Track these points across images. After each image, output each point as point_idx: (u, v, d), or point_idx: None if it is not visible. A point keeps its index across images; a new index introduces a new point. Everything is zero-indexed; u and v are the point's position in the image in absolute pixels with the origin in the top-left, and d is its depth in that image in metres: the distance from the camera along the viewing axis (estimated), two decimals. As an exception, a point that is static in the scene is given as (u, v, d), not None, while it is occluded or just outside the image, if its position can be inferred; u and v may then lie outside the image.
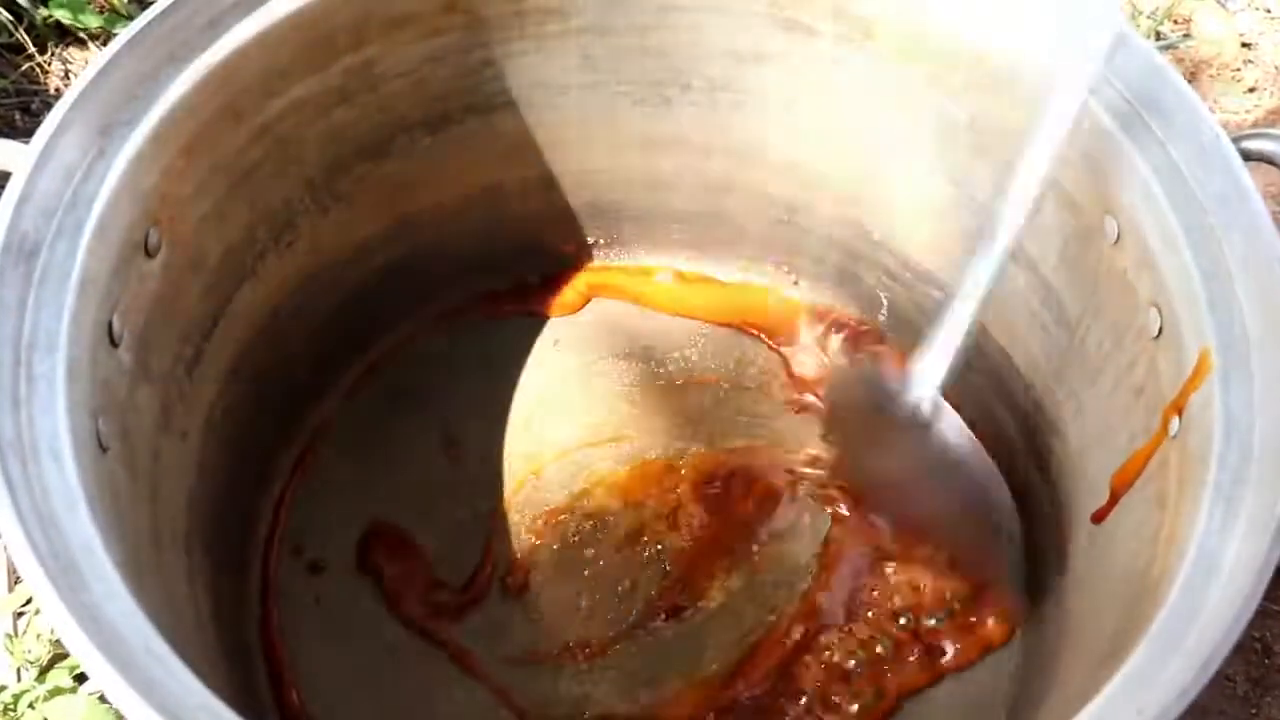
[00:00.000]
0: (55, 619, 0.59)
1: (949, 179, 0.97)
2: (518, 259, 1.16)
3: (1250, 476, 0.67)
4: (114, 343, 0.77)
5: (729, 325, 1.17)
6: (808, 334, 1.16)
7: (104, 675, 0.58)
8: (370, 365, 1.13)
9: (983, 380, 1.06)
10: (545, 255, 1.17)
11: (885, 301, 1.12)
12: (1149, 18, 1.49)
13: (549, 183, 1.11)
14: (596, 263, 1.19)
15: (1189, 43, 1.49)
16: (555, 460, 1.09)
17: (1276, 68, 1.47)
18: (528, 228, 1.14)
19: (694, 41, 1.00)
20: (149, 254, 0.82)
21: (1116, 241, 0.82)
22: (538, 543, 1.05)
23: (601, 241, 1.18)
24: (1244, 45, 1.50)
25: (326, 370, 1.10)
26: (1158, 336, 0.78)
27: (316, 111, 0.93)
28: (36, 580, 0.60)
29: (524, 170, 1.09)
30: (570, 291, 1.18)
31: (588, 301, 1.18)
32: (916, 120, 0.96)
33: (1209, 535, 0.66)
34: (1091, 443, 0.90)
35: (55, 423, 0.67)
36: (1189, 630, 0.62)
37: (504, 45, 0.99)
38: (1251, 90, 1.47)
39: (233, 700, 0.78)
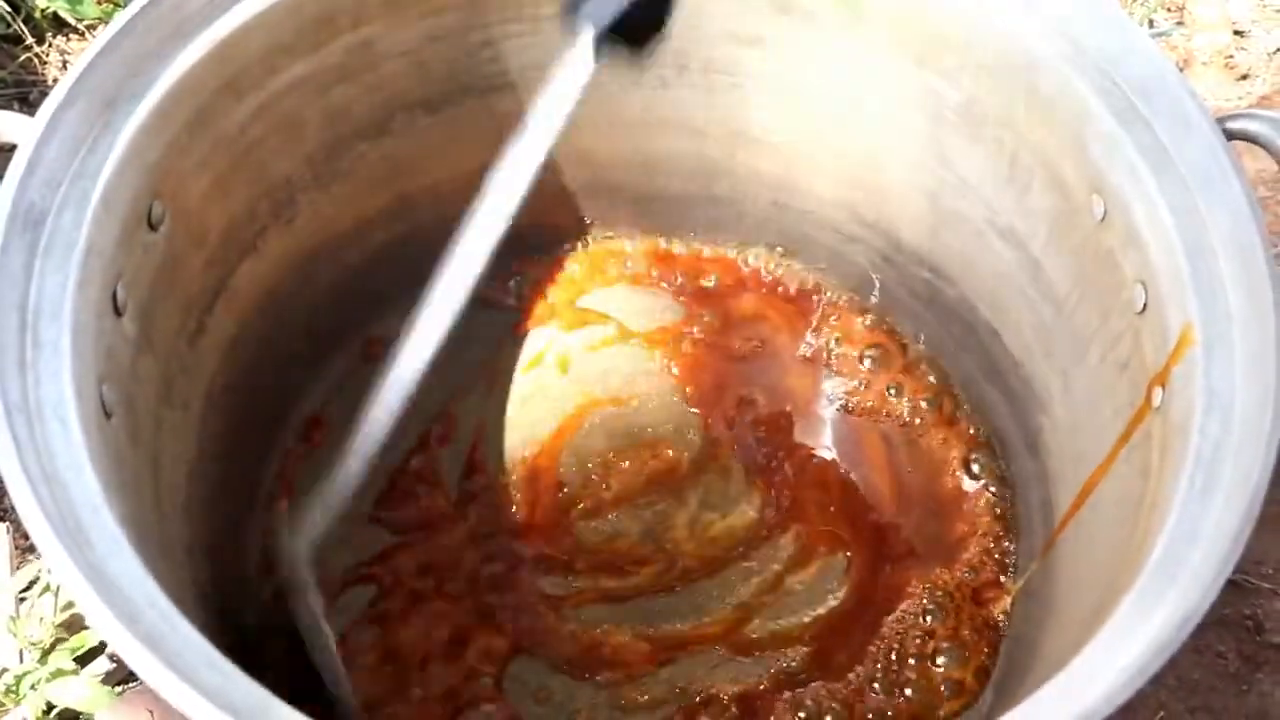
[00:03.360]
0: (63, 576, 0.61)
1: (940, 161, 0.99)
2: (516, 239, 1.17)
3: (1230, 446, 0.69)
4: (118, 312, 0.78)
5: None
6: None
7: (112, 631, 0.60)
8: (370, 342, 1.14)
9: (973, 361, 1.08)
10: (543, 236, 1.18)
11: (877, 283, 1.14)
12: (1142, 5, 1.50)
13: (547, 163, 1.11)
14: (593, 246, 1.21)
15: (1182, 30, 1.50)
16: (552, 436, 1.10)
17: (1269, 55, 1.49)
18: (527, 208, 1.15)
19: (691, 24, 1.01)
20: (152, 226, 0.83)
21: (1103, 220, 0.84)
22: (536, 520, 1.06)
23: (599, 222, 1.19)
24: (1236, 33, 1.52)
25: (326, 347, 1.12)
26: (1142, 312, 0.80)
27: (317, 89, 0.95)
28: (44, 537, 0.62)
29: (521, 150, 1.10)
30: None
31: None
32: (909, 103, 0.97)
33: (1190, 502, 0.68)
34: (1079, 418, 0.92)
35: (61, 388, 0.69)
36: (1169, 591, 0.64)
37: (502, 26, 1.00)
38: (1244, 78, 1.49)
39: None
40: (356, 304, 1.11)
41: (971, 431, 1.09)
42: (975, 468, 1.08)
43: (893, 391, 1.12)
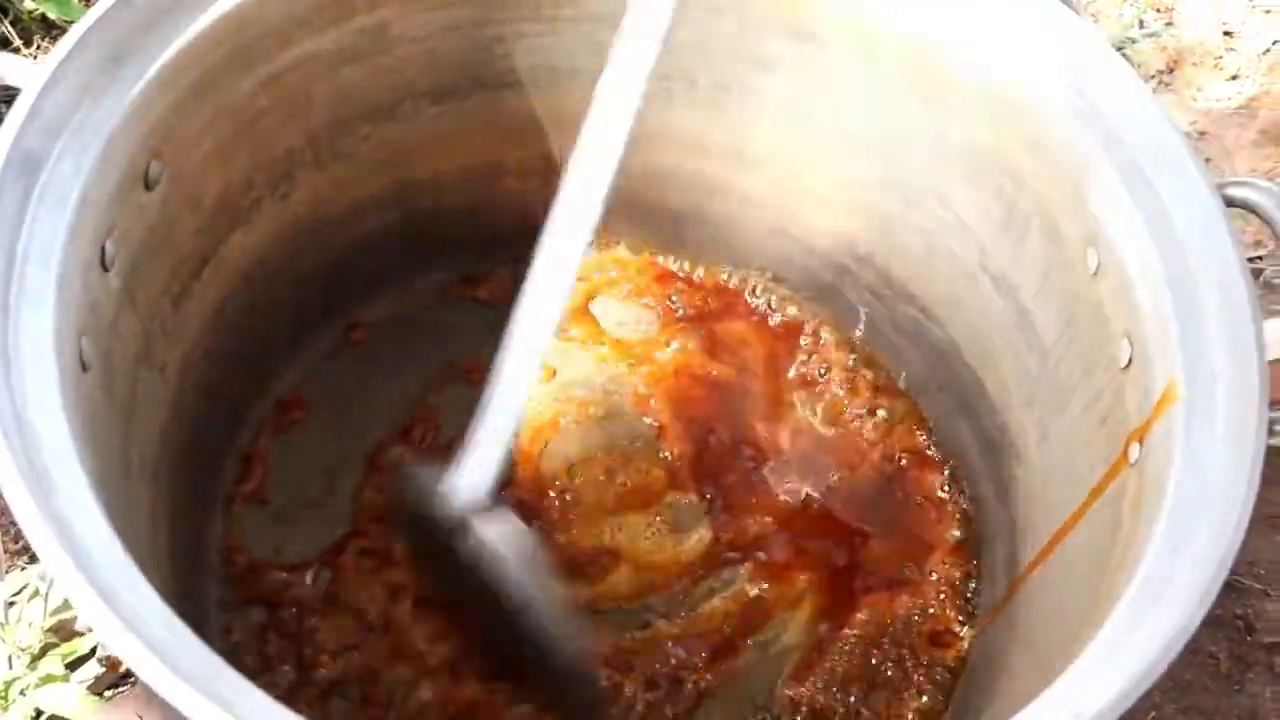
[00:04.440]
0: (24, 518, 0.60)
1: (939, 200, 0.99)
2: (510, 239, 1.17)
3: (1205, 506, 0.69)
4: (105, 266, 0.78)
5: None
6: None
7: (64, 570, 0.59)
8: (352, 327, 1.13)
9: (951, 403, 1.08)
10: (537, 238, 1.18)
11: (864, 316, 1.14)
12: (1133, 5, 1.52)
13: (548, 165, 1.12)
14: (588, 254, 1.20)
15: (1172, 31, 1.52)
16: (528, 440, 1.10)
17: (1259, 55, 1.50)
18: (523, 208, 1.14)
19: (704, 40, 1.01)
20: (148, 186, 0.83)
21: (1096, 273, 0.84)
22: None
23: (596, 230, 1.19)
24: (1226, 34, 1.53)
25: (308, 327, 1.11)
26: (1127, 367, 0.80)
27: (326, 67, 0.94)
28: (9, 477, 0.61)
29: (524, 150, 1.10)
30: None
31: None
32: (913, 139, 0.98)
33: (1159, 559, 0.68)
34: (1053, 469, 0.92)
35: (42, 333, 0.68)
36: (1131, 642, 0.64)
37: (517, 24, 1.00)
38: (1233, 78, 1.50)
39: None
40: (344, 286, 1.11)
41: (944, 475, 1.10)
42: (944, 512, 1.08)
43: (868, 428, 1.12)
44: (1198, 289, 0.76)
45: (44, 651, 1.03)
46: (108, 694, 1.02)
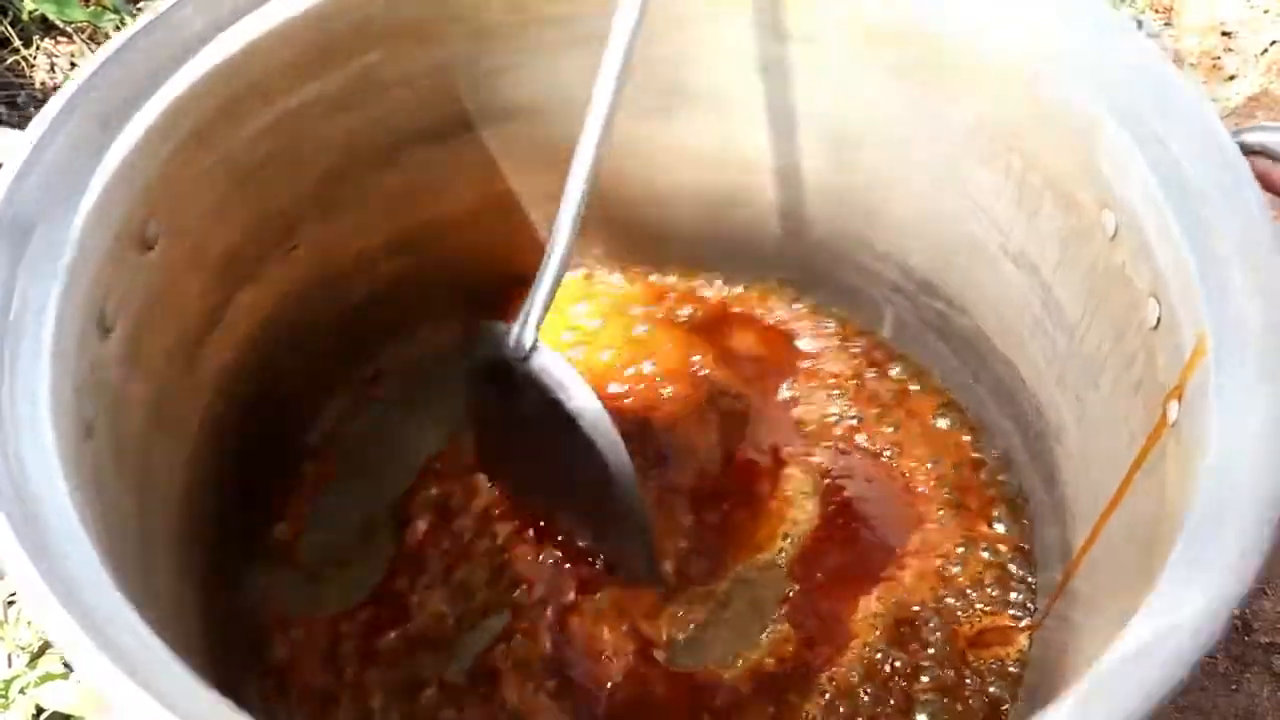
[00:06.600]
0: (9, 559, 0.60)
1: (951, 186, 0.97)
2: (529, 275, 1.16)
3: (1245, 457, 0.65)
4: (105, 330, 0.77)
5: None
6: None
7: (61, 626, 0.58)
8: (375, 377, 1.13)
9: (987, 393, 1.05)
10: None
11: (889, 315, 1.11)
12: (1130, 6, 1.51)
13: (560, 194, 1.11)
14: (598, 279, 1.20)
15: (1170, 32, 1.52)
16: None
17: (1256, 56, 1.50)
18: (538, 240, 1.14)
19: (698, 51, 1.00)
20: (147, 245, 0.82)
21: (1114, 236, 0.81)
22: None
23: (612, 255, 1.18)
24: (1224, 34, 1.53)
25: (332, 378, 1.11)
26: (1156, 327, 0.77)
27: (319, 116, 0.94)
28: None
29: (533, 180, 1.09)
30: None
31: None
32: (917, 126, 0.96)
33: (1204, 520, 0.64)
34: (1093, 446, 0.88)
35: (36, 399, 0.67)
36: (1185, 599, 0.60)
37: (509, 55, 1.00)
38: (1232, 79, 1.49)
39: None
40: (363, 336, 1.10)
41: (985, 466, 1.06)
42: (990, 506, 1.04)
43: (905, 429, 1.09)
44: (1218, 237, 0.73)
45: (43, 650, 1.04)
46: (108, 692, 1.02)
